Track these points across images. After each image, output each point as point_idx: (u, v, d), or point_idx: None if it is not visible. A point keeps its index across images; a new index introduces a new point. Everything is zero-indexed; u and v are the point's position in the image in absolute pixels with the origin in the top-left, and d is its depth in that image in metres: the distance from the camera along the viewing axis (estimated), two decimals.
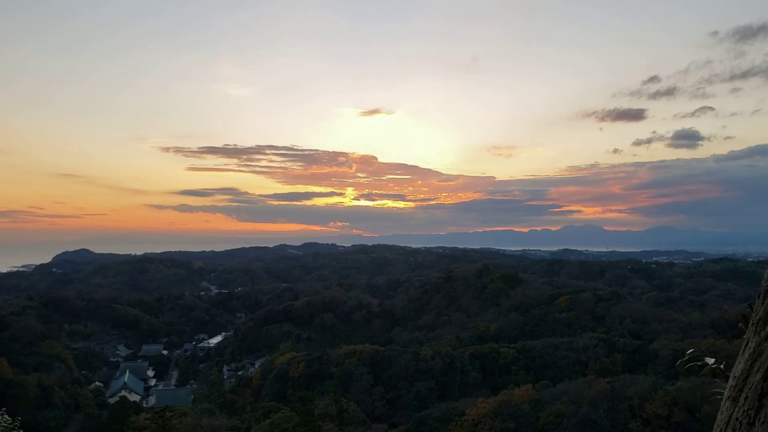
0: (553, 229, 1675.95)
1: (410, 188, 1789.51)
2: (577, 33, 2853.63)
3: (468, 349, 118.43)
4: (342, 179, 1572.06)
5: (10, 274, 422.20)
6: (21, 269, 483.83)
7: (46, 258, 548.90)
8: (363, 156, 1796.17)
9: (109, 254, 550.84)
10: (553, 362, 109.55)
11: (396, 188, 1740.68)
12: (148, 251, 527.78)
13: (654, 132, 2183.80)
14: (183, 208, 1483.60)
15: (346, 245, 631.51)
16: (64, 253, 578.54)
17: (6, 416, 15.80)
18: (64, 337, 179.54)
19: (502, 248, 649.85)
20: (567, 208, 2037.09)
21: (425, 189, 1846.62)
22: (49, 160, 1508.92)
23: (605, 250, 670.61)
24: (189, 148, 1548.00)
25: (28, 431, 15.65)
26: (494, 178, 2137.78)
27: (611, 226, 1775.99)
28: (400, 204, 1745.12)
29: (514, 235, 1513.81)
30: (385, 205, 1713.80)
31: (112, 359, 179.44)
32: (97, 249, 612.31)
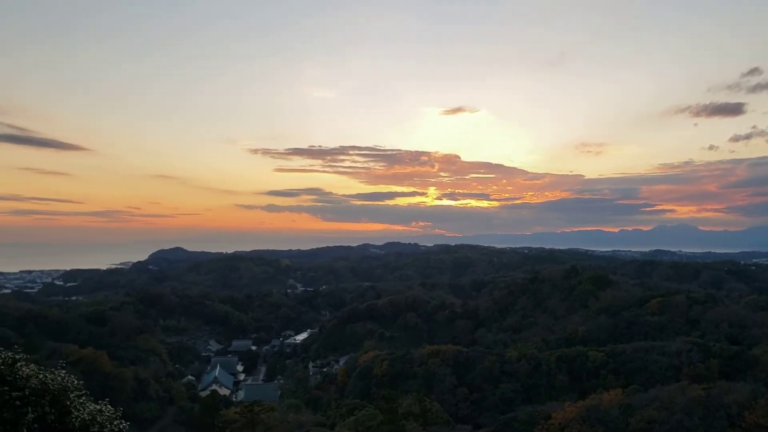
0: (645, 229, 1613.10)
1: (494, 187, 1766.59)
2: (669, 24, 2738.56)
3: (555, 352, 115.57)
4: (424, 179, 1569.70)
5: (109, 271, 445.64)
6: (120, 266, 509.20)
7: (143, 256, 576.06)
8: (446, 155, 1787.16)
9: (202, 252, 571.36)
10: (643, 367, 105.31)
11: (480, 187, 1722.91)
12: (238, 250, 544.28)
13: (754, 127, 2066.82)
14: (270, 208, 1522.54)
15: (429, 245, 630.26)
16: (159, 251, 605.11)
17: (109, 406, 16.34)
18: (159, 332, 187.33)
19: (591, 249, 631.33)
20: (659, 208, 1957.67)
21: (510, 188, 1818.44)
22: (146, 162, 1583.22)
23: (700, 251, 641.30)
24: (276, 150, 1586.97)
25: (126, 422, 16.13)
26: (582, 176, 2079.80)
27: (707, 225, 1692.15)
28: (484, 203, 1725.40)
29: (604, 236, 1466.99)
30: (469, 205, 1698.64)
31: (203, 354, 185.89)
32: (191, 247, 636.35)
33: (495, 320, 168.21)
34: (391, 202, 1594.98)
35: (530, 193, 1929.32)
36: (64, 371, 16.03)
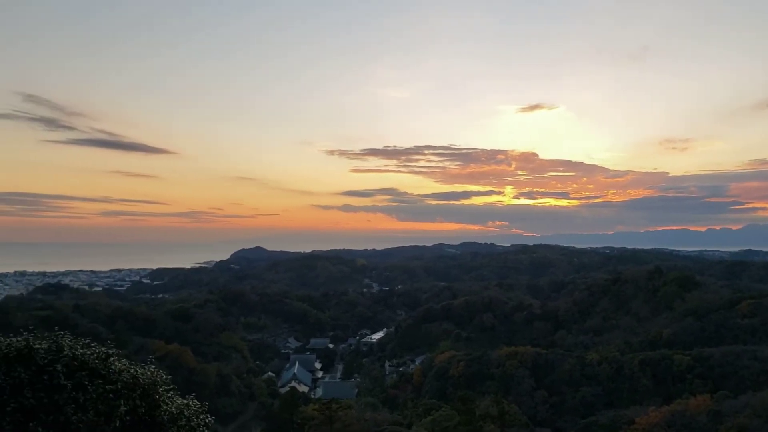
0: (734, 228, 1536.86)
1: (574, 186, 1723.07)
2: (755, 15, 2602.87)
3: (638, 355, 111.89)
4: (501, 177, 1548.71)
5: (193, 270, 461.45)
6: (203, 265, 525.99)
7: (225, 255, 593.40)
8: (523, 153, 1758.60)
9: (281, 252, 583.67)
10: (733, 372, 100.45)
11: (558, 186, 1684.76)
12: (315, 249, 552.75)
13: None
14: (346, 208, 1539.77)
15: (506, 245, 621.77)
16: (240, 250, 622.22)
17: (195, 401, 16.83)
18: (240, 329, 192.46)
19: (676, 249, 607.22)
20: (750, 205, 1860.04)
21: (590, 186, 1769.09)
22: (228, 165, 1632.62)
23: None
24: (352, 151, 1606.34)
25: (211, 416, 16.61)
26: (667, 173, 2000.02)
27: None
28: (563, 202, 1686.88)
29: (690, 235, 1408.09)
30: (547, 204, 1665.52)
31: (283, 351, 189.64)
32: (270, 247, 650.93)
33: (575, 322, 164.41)
34: (466, 202, 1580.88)
35: (611, 192, 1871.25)
36: (153, 366, 16.64)
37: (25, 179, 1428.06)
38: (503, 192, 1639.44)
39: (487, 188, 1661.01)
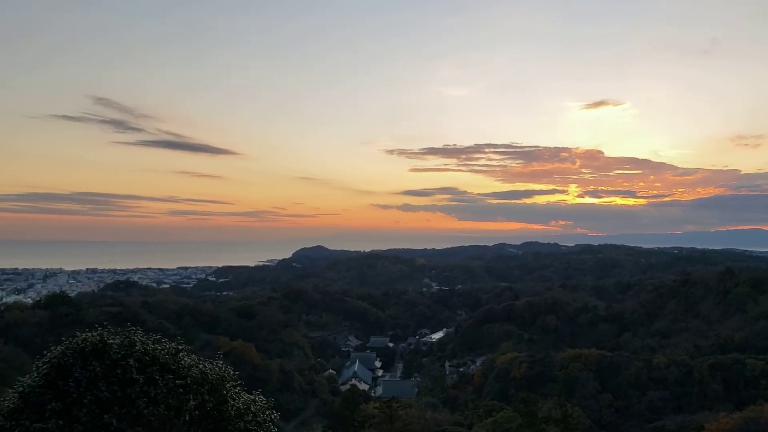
0: None
1: (641, 184, 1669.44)
2: None
3: (708, 359, 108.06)
4: (564, 176, 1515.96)
5: (257, 268, 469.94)
6: (266, 263, 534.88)
7: (287, 254, 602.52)
8: (587, 151, 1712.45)
9: (341, 251, 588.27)
10: None
11: (625, 184, 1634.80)
12: (375, 248, 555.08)
13: None
14: (406, 208, 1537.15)
15: (569, 245, 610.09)
16: (302, 249, 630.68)
17: (261, 396, 17.13)
18: (302, 326, 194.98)
19: (749, 249, 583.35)
20: None
21: (658, 184, 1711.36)
22: (290, 165, 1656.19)
23: None
24: (411, 150, 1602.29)
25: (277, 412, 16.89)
26: (739, 171, 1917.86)
27: None
28: (630, 201, 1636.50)
29: (764, 235, 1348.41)
30: (613, 203, 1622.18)
31: (343, 349, 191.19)
32: (331, 246, 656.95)
33: (642, 324, 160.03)
34: (528, 201, 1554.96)
35: (680, 190, 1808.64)
36: (221, 362, 17.02)
37: (96, 180, 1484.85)
38: (567, 191, 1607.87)
39: (550, 187, 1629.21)
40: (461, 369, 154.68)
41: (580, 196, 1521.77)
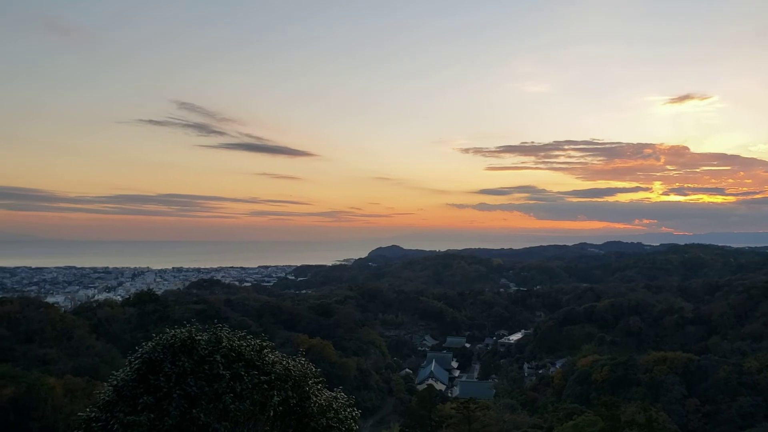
0: None
1: (730, 181, 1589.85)
2: None
3: None
4: (648, 173, 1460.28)
5: (334, 267, 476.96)
6: (343, 263, 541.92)
7: (363, 253, 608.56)
8: (672, 147, 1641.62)
9: (416, 250, 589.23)
10: None
11: (713, 181, 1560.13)
12: (451, 248, 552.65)
13: None
14: (482, 207, 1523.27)
15: (654, 244, 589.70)
16: (378, 248, 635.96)
17: (342, 394, 17.34)
18: (378, 325, 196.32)
19: None
20: None
21: (749, 181, 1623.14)
22: (366, 166, 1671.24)
23: None
24: (487, 148, 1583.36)
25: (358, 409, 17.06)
26: None
27: None
28: (718, 198, 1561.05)
29: None
30: (700, 200, 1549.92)
31: (419, 348, 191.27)
32: (406, 245, 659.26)
33: (731, 327, 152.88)
34: (610, 199, 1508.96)
35: None
36: (303, 359, 17.32)
37: (181, 182, 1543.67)
38: (651, 188, 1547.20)
39: (634, 184, 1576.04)
40: (540, 371, 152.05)
41: (665, 193, 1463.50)
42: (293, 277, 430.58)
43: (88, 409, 15.78)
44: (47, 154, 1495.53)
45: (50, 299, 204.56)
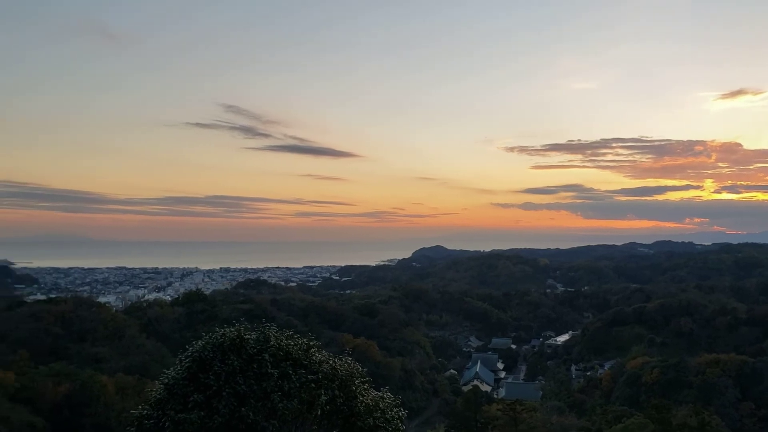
0: None
1: None
2: None
3: None
4: (699, 170, 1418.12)
5: (377, 267, 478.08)
6: (386, 263, 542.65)
7: (407, 253, 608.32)
8: (724, 143, 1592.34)
9: (460, 251, 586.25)
10: None
11: (767, 178, 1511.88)
12: (495, 248, 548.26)
13: None
14: (527, 206, 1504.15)
15: (705, 243, 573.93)
16: (421, 249, 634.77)
17: (389, 394, 17.33)
18: (422, 325, 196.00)
19: None
20: None
21: None
22: (409, 166, 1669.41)
23: None
24: (533, 147, 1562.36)
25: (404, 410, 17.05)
26: None
27: None
28: None
29: None
30: (754, 198, 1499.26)
31: (464, 349, 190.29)
32: (450, 245, 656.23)
33: None
34: (660, 197, 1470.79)
35: None
36: (350, 359, 17.38)
37: (228, 183, 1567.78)
38: (702, 186, 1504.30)
39: (684, 182, 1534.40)
40: (588, 373, 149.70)
41: (717, 191, 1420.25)
42: (337, 278, 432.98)
43: (140, 407, 16.15)
44: (99, 157, 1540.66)
45: (102, 299, 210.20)
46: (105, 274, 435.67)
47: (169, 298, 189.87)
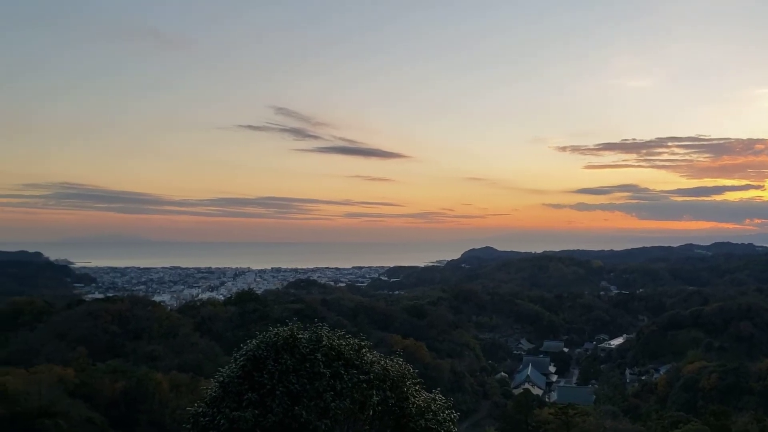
0: None
1: None
2: None
3: None
4: (760, 170, 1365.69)
5: (426, 269, 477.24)
6: (435, 264, 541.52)
7: (456, 254, 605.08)
8: None
9: (511, 252, 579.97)
10: None
11: None
12: (547, 249, 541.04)
13: None
14: (580, 207, 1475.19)
15: (767, 245, 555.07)
16: (471, 250, 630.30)
17: (441, 396, 17.25)
18: (472, 327, 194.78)
19: None
20: None
21: None
22: (458, 166, 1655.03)
23: None
24: (585, 146, 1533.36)
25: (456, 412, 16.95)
26: None
27: None
28: None
29: None
30: None
31: (515, 352, 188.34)
32: (500, 246, 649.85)
33: None
34: (718, 198, 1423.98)
35: None
36: (401, 359, 17.36)
37: (278, 185, 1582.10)
38: (763, 186, 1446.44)
39: (744, 182, 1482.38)
40: (643, 377, 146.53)
41: None
42: (386, 278, 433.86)
43: (196, 404, 16.46)
44: (154, 159, 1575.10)
45: (157, 298, 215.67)
46: (160, 273, 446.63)
47: (222, 298, 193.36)
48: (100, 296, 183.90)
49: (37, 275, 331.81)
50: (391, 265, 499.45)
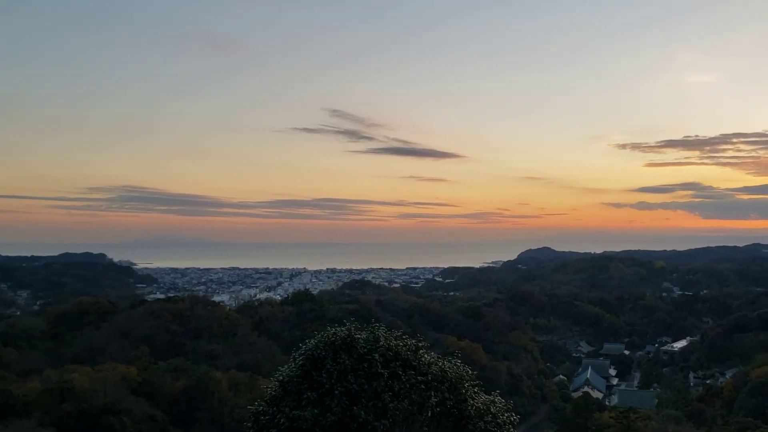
0: None
1: None
2: None
3: None
4: None
5: (482, 269, 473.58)
6: (491, 265, 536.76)
7: (512, 255, 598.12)
8: None
9: (569, 252, 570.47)
10: None
11: None
12: (607, 250, 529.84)
13: None
14: (641, 206, 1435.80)
15: None
16: (527, 250, 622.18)
17: (500, 398, 17.03)
18: (529, 329, 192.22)
19: None
20: None
21: None
22: (514, 165, 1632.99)
23: None
24: (646, 144, 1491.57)
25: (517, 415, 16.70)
26: None
27: None
28: None
29: None
30: None
31: (574, 354, 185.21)
32: (558, 247, 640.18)
33: None
34: None
35: None
36: (459, 361, 17.22)
37: (333, 186, 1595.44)
38: None
39: None
40: (708, 381, 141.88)
41: None
42: (441, 279, 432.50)
43: (256, 403, 16.72)
44: (212, 162, 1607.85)
45: (216, 298, 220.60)
46: (219, 274, 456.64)
47: (279, 298, 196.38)
48: (162, 296, 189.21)
49: (101, 276, 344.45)
50: (446, 266, 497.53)
